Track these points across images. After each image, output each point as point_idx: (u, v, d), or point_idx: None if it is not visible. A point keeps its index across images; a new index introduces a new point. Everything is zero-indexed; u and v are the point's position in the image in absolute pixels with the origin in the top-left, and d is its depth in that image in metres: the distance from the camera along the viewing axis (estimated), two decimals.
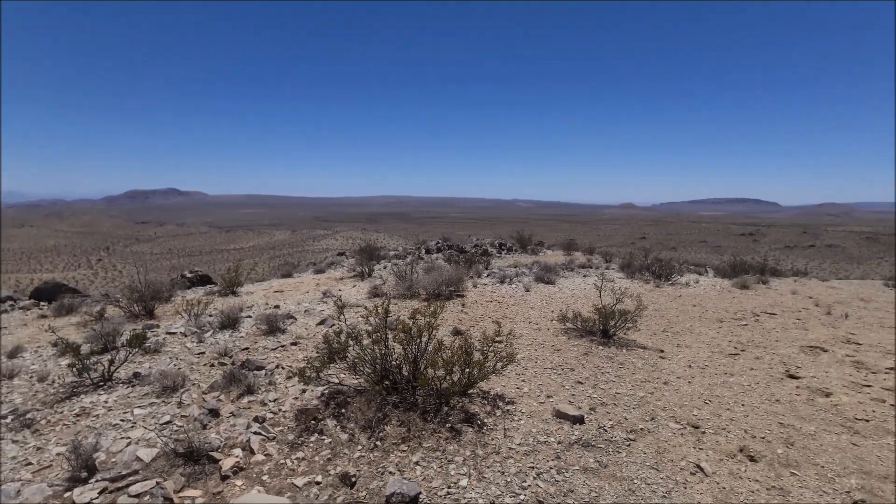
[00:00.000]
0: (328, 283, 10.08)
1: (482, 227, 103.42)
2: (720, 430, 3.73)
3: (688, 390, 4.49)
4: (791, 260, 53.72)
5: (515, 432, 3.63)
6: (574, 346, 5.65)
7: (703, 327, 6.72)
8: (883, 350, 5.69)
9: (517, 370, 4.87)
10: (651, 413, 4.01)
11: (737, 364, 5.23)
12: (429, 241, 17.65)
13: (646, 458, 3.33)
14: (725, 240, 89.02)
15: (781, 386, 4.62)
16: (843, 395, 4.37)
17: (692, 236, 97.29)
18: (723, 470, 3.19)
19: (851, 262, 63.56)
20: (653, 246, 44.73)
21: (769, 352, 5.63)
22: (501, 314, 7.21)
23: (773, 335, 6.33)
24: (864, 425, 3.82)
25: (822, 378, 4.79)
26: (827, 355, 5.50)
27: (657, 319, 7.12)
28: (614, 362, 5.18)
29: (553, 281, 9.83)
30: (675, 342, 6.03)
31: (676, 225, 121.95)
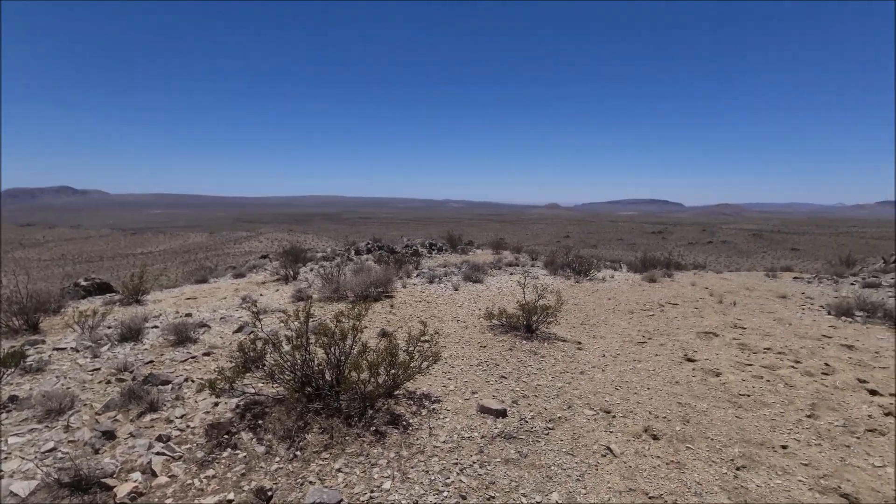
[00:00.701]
0: (249, 288, 9.52)
1: (414, 228, 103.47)
2: (628, 413, 4.02)
3: (601, 378, 4.80)
4: (692, 255, 59.52)
5: (441, 430, 3.66)
6: (499, 342, 5.82)
7: (617, 319, 7.23)
8: (762, 333, 6.48)
9: (444, 368, 4.92)
10: (568, 402, 4.23)
11: (644, 351, 5.69)
12: (359, 242, 17.32)
13: (563, 445, 3.50)
14: (639, 237, 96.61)
15: (680, 369, 5.10)
16: (730, 374, 4.92)
17: (610, 234, 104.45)
18: (630, 450, 3.44)
19: (741, 256, 71.79)
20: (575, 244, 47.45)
21: (671, 339, 6.19)
22: (430, 314, 7.25)
23: (675, 323, 6.97)
24: (745, 400, 4.32)
25: (713, 360, 5.34)
26: (718, 339, 6.16)
27: (576, 313, 7.55)
28: (536, 356, 5.40)
29: (481, 279, 10.06)
30: (591, 334, 6.42)
31: (597, 224, 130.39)
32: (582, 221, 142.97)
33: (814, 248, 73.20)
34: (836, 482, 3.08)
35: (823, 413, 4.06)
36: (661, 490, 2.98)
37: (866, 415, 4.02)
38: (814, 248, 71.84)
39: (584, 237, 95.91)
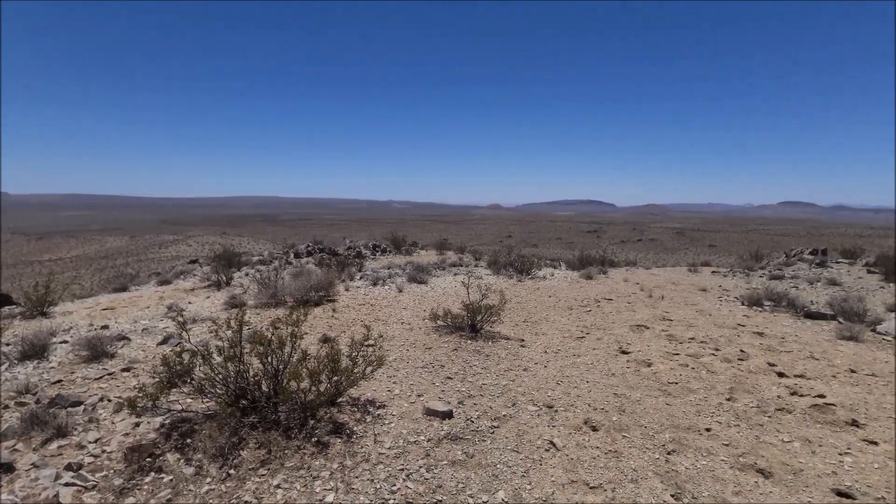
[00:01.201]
0: (175, 296, 8.85)
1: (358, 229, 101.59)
2: (569, 407, 4.15)
3: (544, 374, 4.93)
4: (624, 253, 63.24)
5: (386, 436, 3.58)
6: (444, 343, 5.81)
7: (557, 315, 7.49)
8: (687, 324, 6.98)
9: (389, 372, 4.83)
10: (513, 399, 4.30)
11: (583, 346, 5.92)
12: (298, 245, 16.69)
13: (508, 443, 3.55)
14: (576, 236, 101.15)
15: (616, 361, 5.36)
16: (660, 363, 5.24)
17: (549, 234, 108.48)
18: (571, 442, 3.55)
19: (667, 253, 77.32)
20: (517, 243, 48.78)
21: (607, 332, 6.50)
22: (374, 317, 7.11)
23: (610, 318, 7.33)
24: (674, 387, 4.61)
25: (645, 351, 5.67)
26: (649, 332, 6.55)
27: (519, 311, 7.72)
28: (481, 355, 5.45)
29: (426, 280, 10.03)
30: (534, 331, 6.59)
31: (537, 224, 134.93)
32: (523, 221, 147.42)
33: (728, 244, 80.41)
34: (753, 459, 3.35)
35: (740, 396, 4.43)
36: (601, 479, 3.10)
37: (776, 395, 4.43)
38: (728, 245, 78.93)
39: (525, 237, 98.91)
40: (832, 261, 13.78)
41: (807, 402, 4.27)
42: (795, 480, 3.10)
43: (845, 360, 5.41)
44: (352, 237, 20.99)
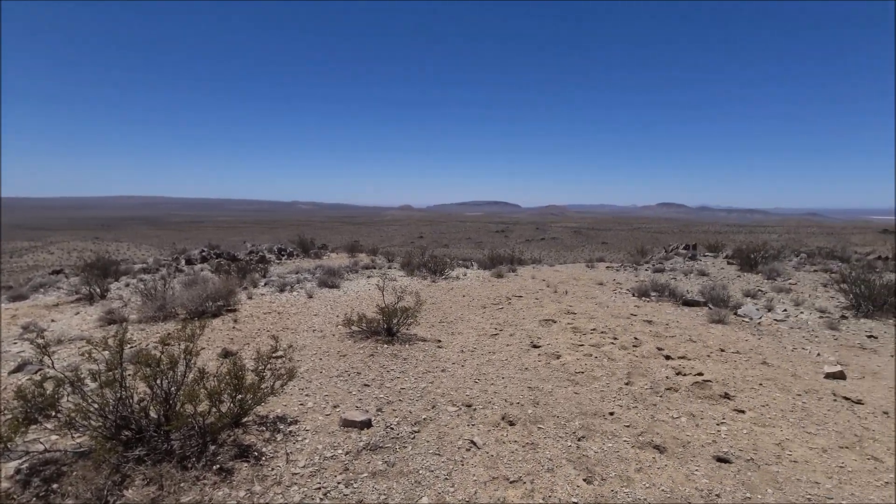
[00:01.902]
0: (34, 313, 7.50)
1: (260, 232, 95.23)
2: (487, 404, 4.23)
3: (461, 373, 4.98)
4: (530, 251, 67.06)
5: (300, 454, 3.33)
6: (360, 349, 5.62)
7: (471, 314, 7.64)
8: (588, 316, 7.53)
9: (301, 385, 4.53)
10: (432, 401, 4.27)
11: (497, 342, 6.10)
12: (191, 250, 15.13)
13: (429, 447, 3.50)
14: (485, 236, 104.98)
15: (528, 355, 5.60)
16: (568, 355, 5.57)
17: (460, 234, 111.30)
18: (491, 440, 3.61)
19: (567, 250, 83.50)
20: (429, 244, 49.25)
21: (519, 328, 6.77)
22: (282, 325, 6.66)
23: (521, 314, 7.66)
24: (581, 376, 4.93)
25: (554, 344, 6.00)
26: (556, 325, 6.95)
27: (434, 312, 7.75)
28: (399, 359, 5.36)
29: (338, 284, 9.66)
30: (450, 331, 6.65)
31: (447, 224, 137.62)
32: (434, 222, 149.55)
33: (618, 241, 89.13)
34: (650, 437, 3.68)
35: (636, 379, 4.86)
36: (520, 472, 3.18)
37: (665, 376, 4.94)
38: (618, 242, 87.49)
39: (436, 237, 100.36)
40: (701, 255, 15.86)
41: (689, 380, 4.81)
42: (684, 452, 3.46)
43: (716, 341, 6.22)
44: (254, 241, 19.58)
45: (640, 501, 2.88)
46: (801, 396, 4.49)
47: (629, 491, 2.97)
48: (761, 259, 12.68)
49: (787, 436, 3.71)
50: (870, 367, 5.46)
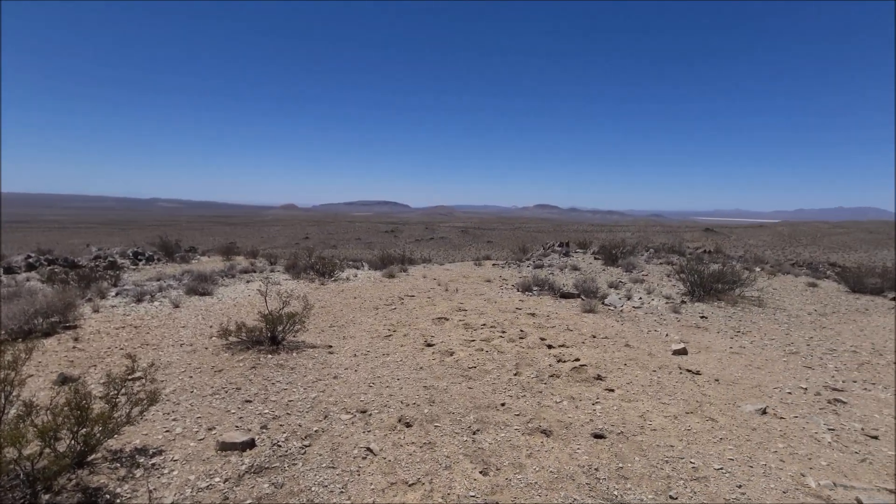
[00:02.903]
0: None
1: (109, 234, 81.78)
2: (383, 408, 4.12)
3: (355, 379, 4.78)
4: (420, 250, 68.01)
5: (166, 490, 2.88)
6: (240, 362, 5.09)
7: (364, 316, 7.43)
8: (478, 312, 7.82)
9: (166, 408, 3.94)
10: (324, 411, 4.03)
11: (391, 344, 6.01)
12: (13, 256, 12.38)
13: (322, 460, 3.28)
14: (375, 236, 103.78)
15: (423, 354, 5.60)
16: (461, 351, 5.70)
17: (349, 234, 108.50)
18: (388, 444, 3.51)
19: (455, 249, 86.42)
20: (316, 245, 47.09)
21: (412, 328, 6.76)
22: (141, 341, 5.75)
23: (414, 313, 7.67)
24: (473, 371, 5.07)
25: (447, 341, 6.10)
26: (449, 323, 7.08)
27: (324, 316, 7.37)
28: (285, 369, 4.97)
29: (211, 291, 8.68)
30: (341, 335, 6.37)
31: (335, 224, 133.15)
32: (321, 222, 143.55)
33: (502, 240, 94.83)
34: (538, 423, 3.92)
35: (524, 369, 5.16)
36: (418, 474, 3.14)
37: (548, 364, 5.32)
38: (502, 241, 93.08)
39: (324, 238, 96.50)
40: (573, 251, 17.56)
41: (569, 366, 5.25)
42: (567, 433, 3.74)
43: (589, 329, 6.90)
44: (101, 244, 16.73)
45: (532, 485, 3.03)
46: (657, 372, 5.18)
47: (522, 477, 3.11)
48: (621, 254, 14.47)
49: (647, 408, 4.23)
50: (703, 342, 6.53)
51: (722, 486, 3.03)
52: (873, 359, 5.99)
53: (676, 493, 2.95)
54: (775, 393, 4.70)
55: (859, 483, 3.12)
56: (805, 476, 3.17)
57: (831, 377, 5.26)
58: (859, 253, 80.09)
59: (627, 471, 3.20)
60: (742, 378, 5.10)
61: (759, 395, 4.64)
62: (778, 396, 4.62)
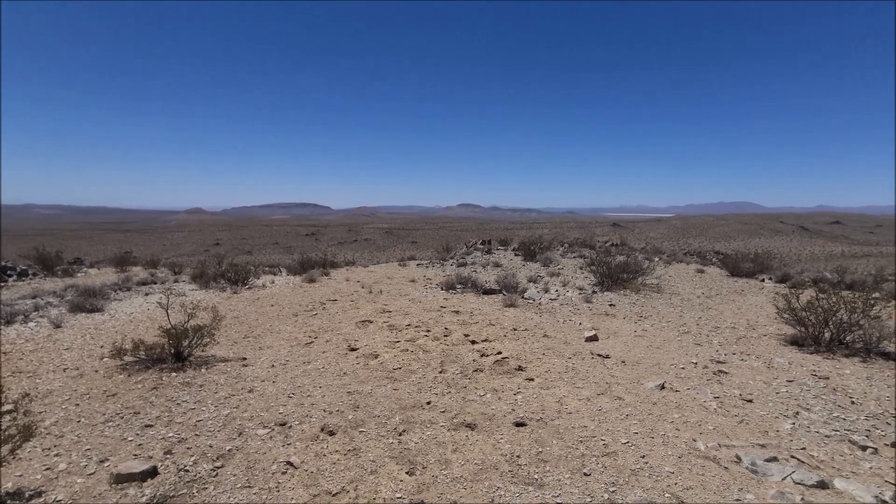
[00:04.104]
0: None
1: None
2: (305, 418, 3.95)
3: (273, 390, 4.53)
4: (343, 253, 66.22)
5: None
6: (138, 384, 4.59)
7: (282, 324, 7.06)
8: (403, 312, 7.79)
9: (47, 443, 3.45)
10: (239, 428, 3.77)
11: (312, 351, 5.77)
12: None
13: (237, 480, 3.06)
14: (294, 240, 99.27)
15: (346, 360, 5.45)
16: (385, 353, 5.64)
17: (266, 239, 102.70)
18: (310, 455, 3.37)
19: (380, 251, 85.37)
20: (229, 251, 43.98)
21: (335, 333, 6.55)
22: (11, 369, 4.98)
23: (337, 318, 7.44)
24: (399, 372, 5.04)
25: (371, 344, 6.00)
26: (373, 325, 6.97)
27: (238, 327, 6.90)
28: (193, 387, 4.57)
29: (101, 308, 7.74)
30: (257, 345, 6.01)
31: (250, 229, 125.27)
32: (233, 227, 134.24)
33: (426, 240, 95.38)
34: (462, 417, 3.99)
35: (449, 366, 5.22)
36: (343, 482, 3.05)
37: (472, 359, 5.44)
38: (426, 240, 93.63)
39: (237, 243, 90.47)
40: (495, 248, 18.14)
41: (492, 360, 5.41)
42: (491, 424, 3.85)
43: (510, 322, 7.16)
44: None
45: (458, 479, 3.07)
46: (572, 359, 5.51)
47: (448, 472, 3.15)
48: (538, 250, 15.22)
49: (563, 393, 4.49)
50: (612, 328, 7.08)
51: (628, 458, 3.30)
52: (748, 333, 6.88)
53: (589, 469, 3.16)
54: (671, 369, 5.22)
55: (738, 441, 3.57)
56: (696, 441, 3.56)
57: (716, 351, 5.96)
58: (737, 241, 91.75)
59: (546, 454, 3.37)
60: (644, 358, 5.60)
61: (658, 372, 5.12)
62: (674, 372, 5.13)
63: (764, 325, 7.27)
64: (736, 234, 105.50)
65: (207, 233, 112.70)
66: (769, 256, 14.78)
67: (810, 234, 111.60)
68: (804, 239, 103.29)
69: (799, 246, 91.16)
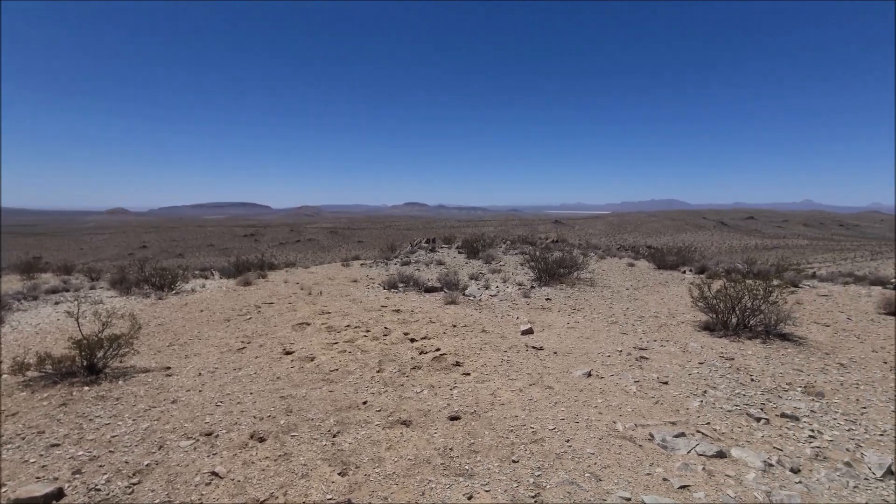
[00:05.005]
0: None
1: None
2: (233, 426, 3.80)
3: (199, 400, 4.32)
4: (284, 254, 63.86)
5: None
6: (43, 401, 4.21)
7: (212, 330, 6.73)
8: (343, 313, 7.67)
9: None
10: (159, 441, 3.56)
11: (244, 357, 5.56)
12: None
13: (155, 496, 2.90)
14: (231, 241, 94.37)
15: (280, 364, 5.30)
16: (322, 355, 5.54)
17: (199, 241, 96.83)
18: (237, 464, 3.26)
19: (324, 251, 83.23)
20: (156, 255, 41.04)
21: (270, 337, 6.34)
22: None
23: (273, 321, 7.20)
24: (335, 374, 4.97)
25: (308, 347, 5.87)
26: (310, 327, 6.81)
27: (162, 334, 6.49)
28: (108, 401, 4.25)
29: (1, 319, 6.99)
30: (183, 353, 5.69)
31: (182, 230, 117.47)
32: (162, 228, 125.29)
33: (372, 239, 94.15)
34: (398, 415, 4.01)
35: (387, 365, 5.23)
36: (272, 488, 2.98)
37: (410, 357, 5.47)
38: (372, 240, 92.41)
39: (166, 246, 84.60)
40: (439, 247, 18.27)
41: (430, 357, 5.48)
42: (426, 420, 3.91)
43: (450, 319, 7.27)
44: None
45: (390, 476, 3.10)
46: (507, 352, 5.70)
47: (380, 470, 3.16)
48: (481, 248, 15.52)
49: (498, 386, 4.64)
50: (547, 321, 7.38)
51: (554, 444, 3.48)
52: (669, 321, 7.44)
53: (518, 456, 3.30)
54: (598, 357, 5.55)
55: (652, 421, 3.87)
56: (616, 423, 3.82)
57: (639, 339, 6.40)
58: (667, 236, 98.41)
59: (478, 445, 3.48)
60: (575, 348, 5.91)
61: (586, 360, 5.42)
62: (600, 360, 5.46)
63: (682, 314, 7.88)
64: (665, 229, 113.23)
65: (133, 235, 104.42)
66: (691, 250, 16.03)
67: (729, 228, 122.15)
68: (723, 233, 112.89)
69: (719, 239, 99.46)
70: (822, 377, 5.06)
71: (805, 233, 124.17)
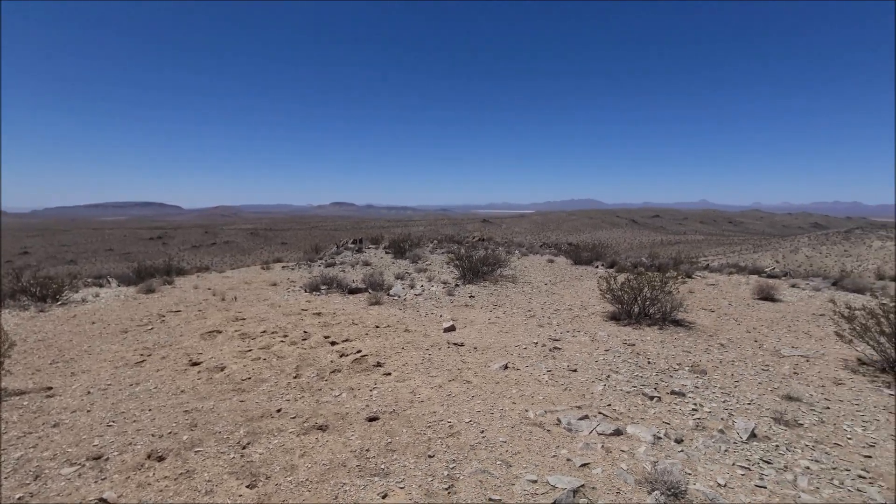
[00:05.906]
0: None
1: None
2: (127, 447, 3.47)
3: (87, 421, 3.89)
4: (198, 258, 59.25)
5: None
6: None
7: (105, 343, 6.08)
8: (259, 319, 7.30)
9: None
10: (35, 471, 3.16)
11: (143, 371, 5.09)
12: None
13: None
14: (134, 245, 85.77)
15: (186, 376, 4.93)
16: (233, 364, 5.23)
17: (96, 245, 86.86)
18: (130, 487, 2.98)
19: (244, 254, 78.36)
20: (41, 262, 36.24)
21: (174, 348, 5.87)
22: None
23: (178, 331, 6.66)
24: (247, 383, 4.72)
25: (218, 356, 5.51)
26: (222, 335, 6.40)
27: (43, 351, 5.76)
28: None
29: None
30: (69, 371, 5.09)
31: (74, 233, 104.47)
32: (49, 231, 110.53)
33: (297, 240, 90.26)
34: (315, 420, 3.90)
35: (305, 370, 5.06)
36: None
37: (330, 361, 5.35)
38: (297, 241, 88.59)
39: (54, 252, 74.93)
40: (366, 247, 17.99)
41: (350, 359, 5.39)
42: (343, 423, 3.85)
43: (373, 320, 7.20)
44: None
45: (303, 483, 3.01)
46: (429, 350, 5.77)
47: (293, 478, 3.07)
48: (408, 247, 15.53)
49: (418, 383, 4.68)
50: (469, 318, 7.57)
51: (470, 436, 3.59)
52: (581, 313, 7.96)
53: (434, 451, 3.37)
54: (516, 350, 5.80)
55: (561, 406, 4.13)
56: (528, 410, 4.02)
57: (554, 331, 6.78)
58: (585, 234, 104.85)
59: (395, 443, 3.49)
60: (494, 343, 6.12)
61: (504, 354, 5.65)
62: (517, 353, 5.71)
63: (594, 305, 8.47)
64: (584, 227, 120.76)
65: (11, 240, 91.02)
66: (604, 246, 17.25)
67: (639, 226, 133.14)
68: (634, 230, 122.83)
69: (630, 236, 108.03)
70: (706, 357, 5.70)
71: (701, 229, 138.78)
